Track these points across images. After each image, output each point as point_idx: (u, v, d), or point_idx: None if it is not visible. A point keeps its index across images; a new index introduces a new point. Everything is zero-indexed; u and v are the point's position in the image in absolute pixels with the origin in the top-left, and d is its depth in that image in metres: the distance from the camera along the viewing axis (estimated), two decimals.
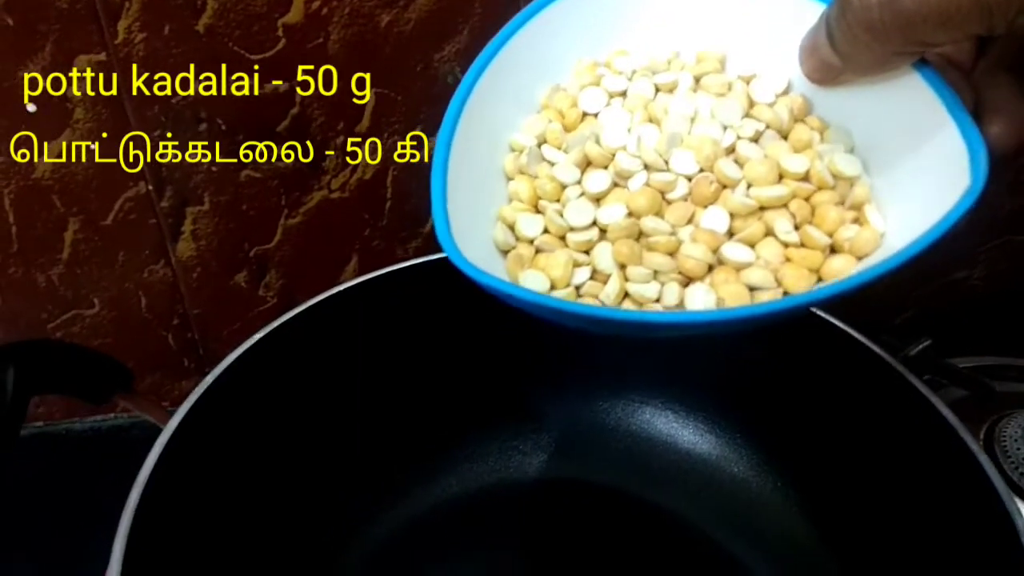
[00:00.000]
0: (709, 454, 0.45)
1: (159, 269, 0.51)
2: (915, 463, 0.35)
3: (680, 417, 0.45)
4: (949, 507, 0.33)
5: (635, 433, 0.46)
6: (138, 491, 0.29)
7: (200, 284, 0.52)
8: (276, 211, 0.49)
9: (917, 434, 0.34)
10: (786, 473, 0.42)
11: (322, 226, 0.50)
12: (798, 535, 0.42)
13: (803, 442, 0.41)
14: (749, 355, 0.40)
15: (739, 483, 0.44)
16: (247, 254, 0.51)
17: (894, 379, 0.34)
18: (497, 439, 0.46)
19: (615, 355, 0.45)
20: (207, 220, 0.49)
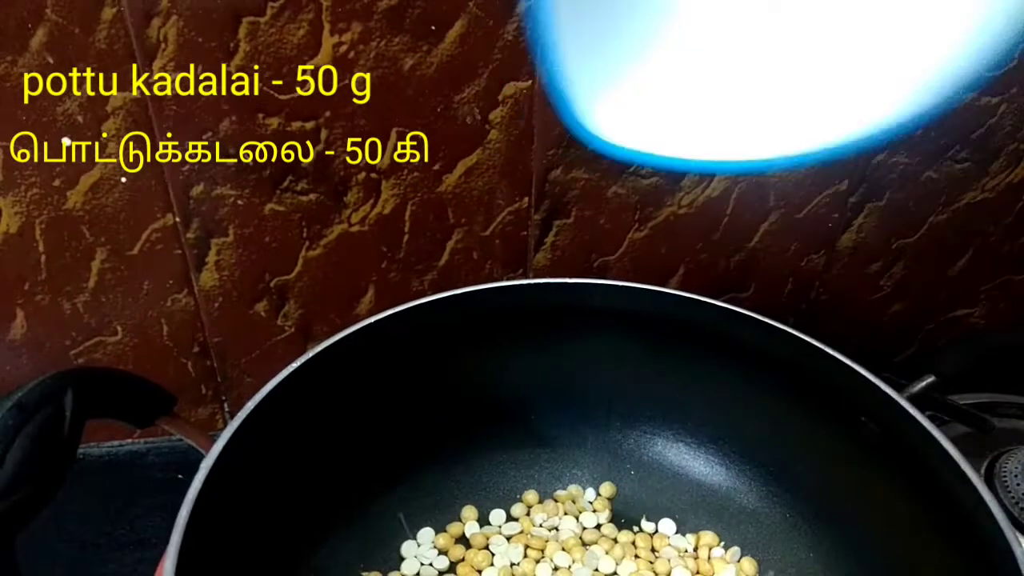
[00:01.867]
0: (719, 485, 0.46)
1: (182, 298, 0.52)
2: (919, 496, 0.36)
3: (691, 449, 0.47)
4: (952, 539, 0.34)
5: (647, 464, 0.47)
6: (187, 508, 0.30)
7: (221, 313, 0.53)
8: (297, 243, 0.51)
9: (920, 468, 0.35)
10: (795, 505, 0.43)
11: (341, 258, 0.52)
12: (805, 566, 0.43)
13: (811, 475, 0.42)
14: (759, 389, 0.41)
15: (748, 514, 0.45)
16: (267, 284, 0.52)
17: (897, 414, 0.36)
18: (512, 467, 0.47)
19: (628, 386, 0.46)
20: (231, 251, 0.51)
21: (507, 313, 0.42)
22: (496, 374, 0.45)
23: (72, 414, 0.28)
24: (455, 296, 0.41)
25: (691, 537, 0.46)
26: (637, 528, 0.47)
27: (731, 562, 0.45)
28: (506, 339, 0.43)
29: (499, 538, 0.45)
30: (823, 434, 0.41)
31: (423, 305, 0.40)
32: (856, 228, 0.57)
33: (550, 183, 0.51)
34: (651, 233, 0.54)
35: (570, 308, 0.43)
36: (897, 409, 0.35)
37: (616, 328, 0.43)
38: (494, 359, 0.44)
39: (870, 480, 0.39)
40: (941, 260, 0.60)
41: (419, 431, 0.45)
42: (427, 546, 0.45)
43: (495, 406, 0.46)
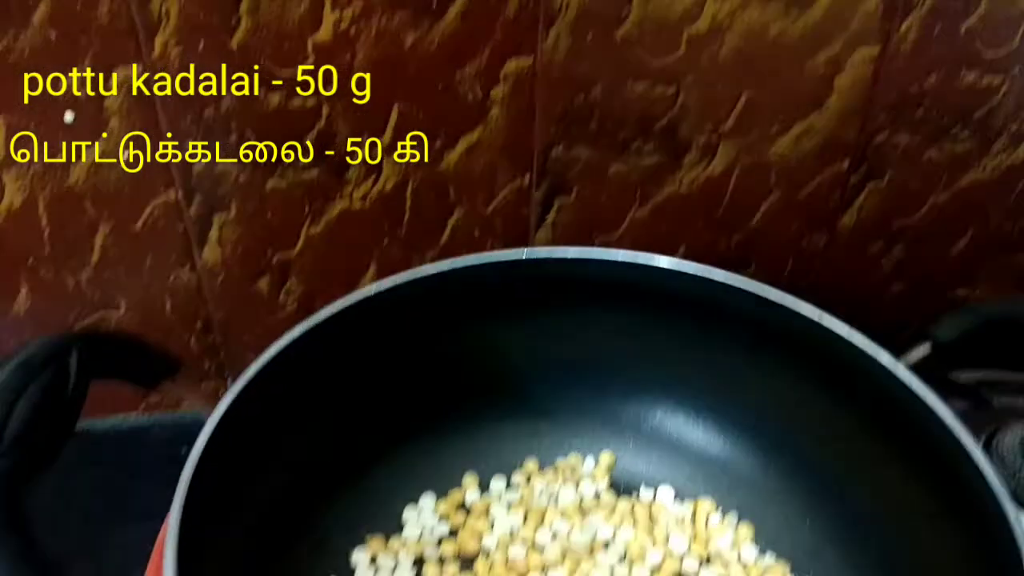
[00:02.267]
0: (718, 455, 0.46)
1: (184, 274, 0.53)
2: (915, 465, 0.36)
3: (690, 418, 0.47)
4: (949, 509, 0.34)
5: (646, 433, 0.48)
6: (190, 468, 0.31)
7: (223, 289, 0.54)
8: (300, 220, 0.51)
9: (918, 436, 0.35)
10: (792, 474, 0.44)
11: (343, 235, 0.52)
12: (801, 533, 0.44)
13: (809, 444, 0.43)
14: (757, 359, 0.42)
15: (746, 482, 0.46)
16: (269, 261, 0.53)
17: (894, 381, 0.36)
18: (512, 436, 0.48)
19: (627, 356, 0.47)
20: (233, 227, 0.51)
21: (507, 284, 0.43)
22: (497, 344, 0.45)
23: (77, 374, 0.28)
24: (455, 266, 0.41)
25: (689, 504, 0.47)
26: (635, 496, 0.47)
27: (728, 528, 0.45)
28: (507, 310, 0.44)
29: (499, 505, 0.46)
30: (821, 403, 0.41)
31: (424, 275, 0.40)
32: (857, 208, 0.57)
33: (551, 161, 0.51)
34: (652, 212, 0.54)
35: (570, 280, 0.43)
36: (894, 376, 0.36)
37: (616, 300, 0.44)
38: (495, 329, 0.44)
39: (867, 449, 0.39)
40: (941, 241, 0.60)
41: (420, 400, 0.45)
42: (428, 512, 0.46)
43: (496, 376, 0.47)
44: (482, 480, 0.48)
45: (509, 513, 0.46)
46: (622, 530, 0.45)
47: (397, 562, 0.44)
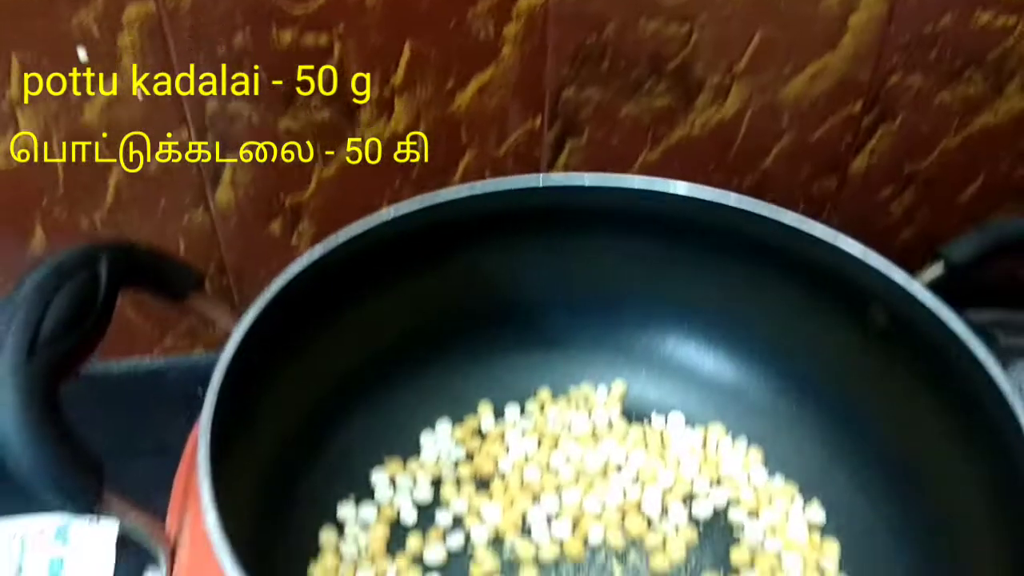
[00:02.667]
0: (729, 382, 0.47)
1: (198, 216, 0.53)
2: (929, 384, 0.37)
3: (702, 346, 0.48)
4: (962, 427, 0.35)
5: (658, 362, 0.49)
6: (221, 370, 0.32)
7: (236, 232, 0.54)
8: (312, 161, 0.51)
9: (932, 354, 0.36)
10: (803, 399, 0.45)
11: (355, 178, 0.52)
12: (812, 457, 0.45)
13: (820, 368, 0.43)
14: (769, 284, 0.42)
15: (757, 409, 0.46)
16: (282, 203, 0.53)
17: (908, 299, 0.36)
18: (526, 365, 0.49)
19: (640, 286, 0.47)
20: (246, 169, 0.51)
21: (523, 211, 0.43)
22: (510, 273, 0.46)
23: (107, 280, 0.29)
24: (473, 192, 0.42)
25: (700, 430, 0.47)
26: (647, 423, 0.48)
27: (738, 452, 0.46)
28: (522, 237, 0.44)
29: (514, 431, 0.47)
30: (833, 327, 0.42)
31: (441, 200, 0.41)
32: (868, 152, 0.57)
33: (563, 102, 0.51)
34: (663, 154, 0.54)
35: (586, 207, 0.44)
36: (909, 295, 0.36)
37: (631, 227, 0.44)
38: (510, 257, 0.45)
39: (879, 371, 0.40)
40: (952, 186, 0.60)
41: (435, 328, 0.46)
42: (445, 436, 0.47)
43: (510, 305, 0.47)
44: (496, 408, 0.49)
45: (523, 439, 0.47)
46: (634, 455, 0.46)
47: (415, 482, 0.45)
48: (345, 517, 0.43)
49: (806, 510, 0.44)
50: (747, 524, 0.43)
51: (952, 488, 0.37)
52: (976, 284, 0.40)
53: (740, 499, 0.44)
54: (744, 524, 0.44)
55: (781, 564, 0.42)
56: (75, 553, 0.45)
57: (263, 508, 0.37)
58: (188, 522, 0.30)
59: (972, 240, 0.38)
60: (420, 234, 0.42)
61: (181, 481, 0.33)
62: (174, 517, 0.32)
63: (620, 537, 0.43)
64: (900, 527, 0.40)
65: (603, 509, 0.44)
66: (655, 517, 0.44)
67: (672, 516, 0.44)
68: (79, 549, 0.45)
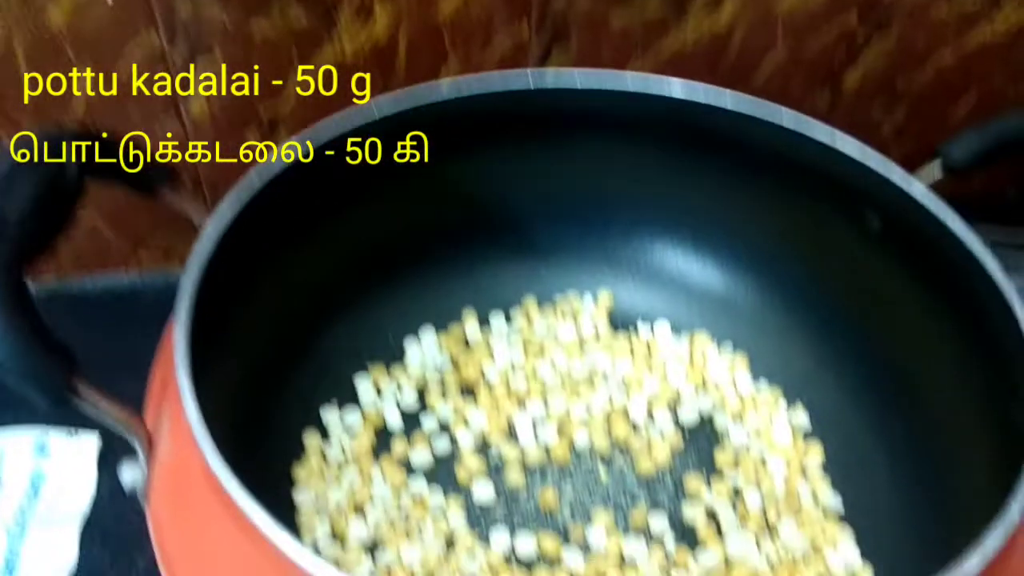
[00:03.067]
0: (716, 290, 0.47)
1: (171, 126, 0.51)
2: (924, 287, 0.36)
3: (689, 255, 0.47)
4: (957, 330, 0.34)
5: (645, 271, 0.48)
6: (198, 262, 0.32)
7: (211, 143, 0.52)
8: (287, 68, 0.49)
9: (928, 256, 0.35)
10: (791, 307, 0.45)
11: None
12: (797, 363, 0.45)
13: (809, 277, 0.43)
14: (760, 189, 0.41)
15: (744, 317, 0.46)
16: (257, 114, 0.51)
17: (905, 198, 0.36)
18: (512, 274, 0.48)
19: (627, 192, 0.46)
20: (219, 76, 0.49)
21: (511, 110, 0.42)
22: (495, 179, 0.45)
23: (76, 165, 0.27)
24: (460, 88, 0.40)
25: (686, 338, 0.47)
26: (634, 332, 0.48)
27: (724, 359, 0.46)
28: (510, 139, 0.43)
29: (499, 340, 0.47)
30: (826, 231, 0.41)
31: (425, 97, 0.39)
32: (862, 65, 0.55)
33: (551, 9, 0.50)
34: (653, 67, 0.53)
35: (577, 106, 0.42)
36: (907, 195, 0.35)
37: (622, 129, 0.43)
38: (496, 160, 0.44)
39: (871, 275, 0.39)
40: (944, 103, 0.59)
41: (418, 234, 0.45)
42: (429, 343, 0.46)
43: (495, 213, 0.46)
44: (481, 317, 0.48)
45: (509, 347, 0.46)
46: (620, 362, 0.46)
47: (400, 388, 0.45)
48: (329, 421, 0.43)
49: (790, 414, 0.44)
50: (732, 428, 0.44)
51: (941, 391, 0.37)
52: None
53: (725, 404, 0.44)
54: (729, 428, 0.44)
55: (765, 466, 0.42)
56: (56, 466, 0.45)
57: (245, 408, 0.37)
58: (166, 414, 0.29)
59: (973, 138, 0.37)
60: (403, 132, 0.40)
61: (158, 373, 0.33)
62: (151, 409, 0.31)
63: (606, 441, 0.43)
64: (885, 430, 0.41)
65: (589, 415, 0.44)
66: (641, 422, 0.44)
67: (658, 421, 0.44)
68: (60, 462, 0.45)
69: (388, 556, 0.37)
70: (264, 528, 0.23)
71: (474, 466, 0.41)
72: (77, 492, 0.44)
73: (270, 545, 0.23)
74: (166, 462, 0.29)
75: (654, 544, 0.39)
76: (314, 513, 0.38)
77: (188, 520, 0.27)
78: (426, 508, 0.40)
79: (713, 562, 0.37)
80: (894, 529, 0.37)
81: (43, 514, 0.42)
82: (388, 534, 0.38)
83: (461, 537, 0.38)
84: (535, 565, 0.38)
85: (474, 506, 0.40)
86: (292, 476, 0.40)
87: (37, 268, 0.55)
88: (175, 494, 0.27)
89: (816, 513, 0.39)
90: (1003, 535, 0.25)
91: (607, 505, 0.40)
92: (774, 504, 0.40)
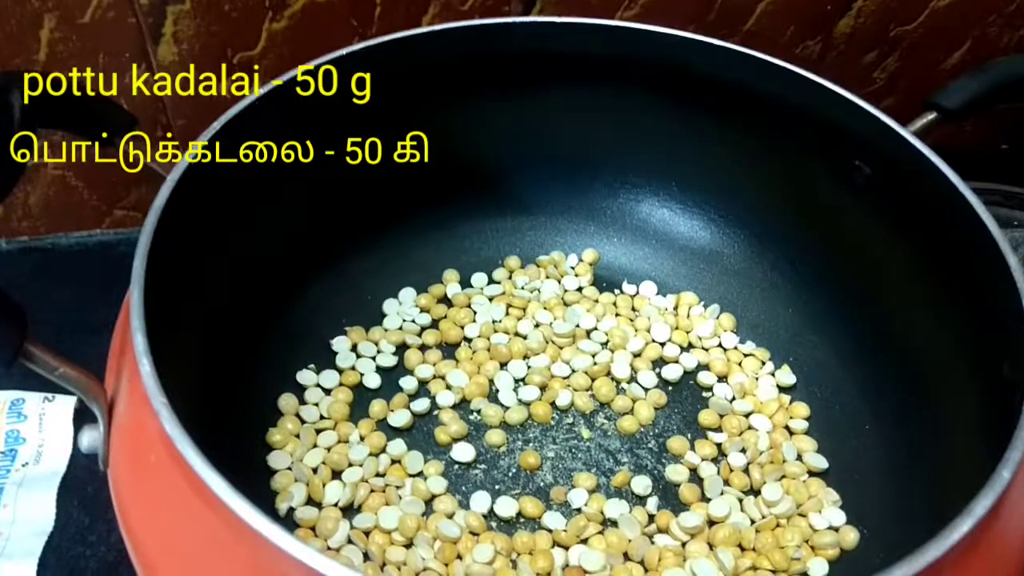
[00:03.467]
0: (702, 248, 0.46)
1: (140, 74, 0.49)
2: (916, 242, 0.35)
3: (675, 213, 0.46)
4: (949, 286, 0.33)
5: (630, 229, 0.47)
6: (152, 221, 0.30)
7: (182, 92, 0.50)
8: (260, 13, 0.47)
9: (919, 208, 0.34)
10: (777, 265, 0.44)
11: (308, 32, 0.48)
12: (783, 321, 0.44)
13: (796, 234, 0.42)
14: (747, 143, 0.40)
15: (730, 275, 0.45)
16: (230, 60, 0.49)
17: (898, 146, 0.34)
18: (494, 233, 0.47)
19: (613, 149, 0.45)
20: (188, 21, 0.47)
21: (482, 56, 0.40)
22: (477, 135, 0.43)
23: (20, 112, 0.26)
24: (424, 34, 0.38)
25: (671, 297, 0.46)
26: (618, 291, 0.47)
27: (710, 318, 0.45)
28: (483, 88, 0.41)
29: (481, 298, 0.46)
30: (815, 186, 0.40)
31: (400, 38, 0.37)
32: (855, 12, 0.54)
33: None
34: (642, 11, 0.51)
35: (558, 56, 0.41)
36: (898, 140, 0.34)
37: (604, 80, 0.41)
38: (470, 114, 0.42)
39: (860, 230, 0.38)
40: (937, 51, 0.57)
41: (396, 193, 0.43)
42: (408, 305, 0.45)
43: (476, 170, 0.45)
44: (463, 277, 0.47)
45: (491, 306, 0.45)
46: (604, 320, 0.45)
47: (379, 348, 0.43)
48: (306, 383, 0.42)
49: (776, 373, 0.43)
50: (716, 387, 0.43)
51: (930, 350, 0.36)
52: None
53: (710, 363, 0.44)
54: (713, 387, 0.43)
55: (749, 425, 0.41)
56: (32, 429, 0.44)
57: (217, 373, 0.35)
58: (125, 376, 0.28)
59: (968, 83, 0.35)
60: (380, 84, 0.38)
61: (119, 335, 0.31)
62: (111, 373, 0.30)
63: (588, 400, 0.42)
64: (871, 391, 0.40)
65: (571, 373, 0.43)
66: (624, 380, 0.43)
67: (641, 380, 0.43)
68: (36, 425, 0.44)
69: (366, 520, 0.36)
70: (220, 492, 0.22)
71: (454, 427, 0.40)
72: (54, 455, 0.43)
73: (228, 510, 0.22)
74: (124, 425, 0.28)
75: (636, 505, 0.38)
76: (290, 477, 0.37)
77: (147, 486, 0.26)
78: (405, 470, 0.39)
79: (696, 522, 0.36)
80: (880, 490, 0.37)
81: (19, 477, 0.42)
82: (366, 497, 0.37)
83: (440, 499, 0.37)
84: (516, 527, 0.37)
85: (454, 468, 0.40)
86: (268, 441, 0.39)
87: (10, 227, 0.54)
88: (133, 458, 0.26)
89: (801, 473, 0.39)
90: (993, 497, 0.24)
91: (589, 465, 0.40)
92: (758, 464, 0.39)
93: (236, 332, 0.37)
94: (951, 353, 0.35)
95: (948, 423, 0.35)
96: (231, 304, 0.37)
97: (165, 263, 0.29)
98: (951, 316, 0.34)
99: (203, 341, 0.35)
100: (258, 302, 0.39)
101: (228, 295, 0.36)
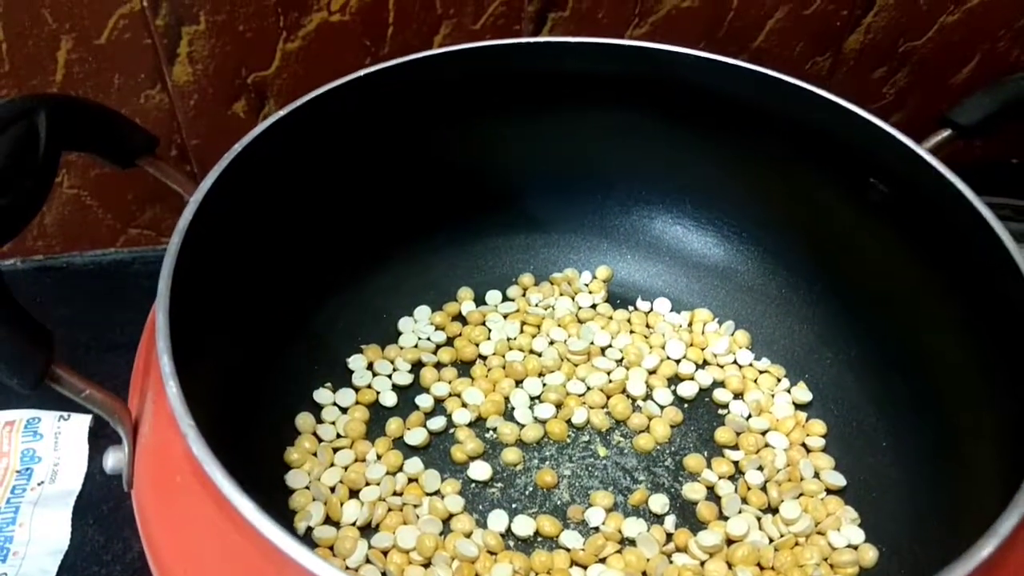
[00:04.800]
0: (716, 265, 0.46)
1: (155, 95, 0.49)
2: (929, 257, 0.35)
3: (689, 230, 0.47)
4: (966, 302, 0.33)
5: (644, 246, 0.47)
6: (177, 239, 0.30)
7: (197, 112, 0.51)
8: (274, 33, 0.48)
9: (935, 225, 0.34)
10: (791, 281, 0.44)
11: (322, 52, 0.49)
12: (798, 337, 0.44)
13: (810, 250, 0.42)
14: (761, 160, 0.40)
15: (744, 291, 0.45)
16: (244, 81, 0.50)
17: (913, 165, 0.34)
18: (508, 251, 0.47)
19: (626, 166, 0.45)
20: (203, 42, 0.47)
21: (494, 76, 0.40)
22: (490, 153, 0.44)
23: (47, 136, 0.26)
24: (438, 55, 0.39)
25: (686, 314, 0.46)
26: (632, 308, 0.47)
27: (725, 335, 0.45)
28: (495, 108, 0.42)
29: (495, 315, 0.46)
30: (830, 202, 0.40)
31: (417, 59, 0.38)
32: (864, 28, 0.54)
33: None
34: (652, 29, 0.51)
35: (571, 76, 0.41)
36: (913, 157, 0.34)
37: (619, 96, 0.42)
38: (491, 130, 0.42)
39: (875, 246, 0.38)
40: (947, 66, 0.57)
41: (411, 211, 0.44)
42: (424, 322, 0.46)
43: (491, 189, 0.45)
44: (477, 295, 0.47)
45: (505, 323, 0.45)
46: (619, 338, 0.45)
47: (395, 366, 0.44)
48: (323, 402, 0.42)
49: (792, 390, 0.43)
50: (732, 404, 0.43)
51: (946, 366, 0.36)
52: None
53: (726, 380, 0.44)
54: (729, 404, 0.43)
55: (766, 443, 0.41)
56: (48, 448, 0.44)
57: (237, 392, 0.36)
58: (150, 397, 0.28)
59: (983, 100, 0.35)
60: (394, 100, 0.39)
61: (143, 355, 0.32)
62: (135, 393, 0.30)
63: (604, 418, 0.42)
64: (888, 407, 0.40)
65: (587, 391, 0.43)
66: (640, 398, 0.43)
67: (657, 397, 0.43)
68: (52, 444, 0.44)
69: (384, 539, 0.36)
70: (247, 513, 0.22)
71: (470, 445, 0.40)
72: (70, 473, 0.43)
73: (254, 531, 0.22)
74: (149, 446, 0.28)
75: (654, 524, 0.38)
76: (308, 496, 0.37)
77: (172, 506, 0.26)
78: (422, 489, 0.39)
79: (715, 541, 0.36)
80: (898, 507, 0.37)
81: (35, 496, 0.42)
82: (383, 516, 0.37)
83: (458, 518, 0.37)
84: (534, 546, 0.37)
85: (471, 486, 0.40)
86: (286, 460, 0.39)
87: (25, 246, 0.54)
88: (159, 479, 0.27)
89: (819, 491, 0.39)
90: (1017, 517, 0.24)
91: (606, 483, 0.40)
92: (776, 482, 0.39)
93: (253, 352, 0.38)
94: (968, 369, 0.35)
95: (966, 440, 0.35)
96: (249, 324, 0.37)
97: (188, 284, 0.29)
98: (968, 332, 0.34)
99: (222, 361, 0.35)
100: (275, 321, 0.39)
101: (246, 315, 0.37)
